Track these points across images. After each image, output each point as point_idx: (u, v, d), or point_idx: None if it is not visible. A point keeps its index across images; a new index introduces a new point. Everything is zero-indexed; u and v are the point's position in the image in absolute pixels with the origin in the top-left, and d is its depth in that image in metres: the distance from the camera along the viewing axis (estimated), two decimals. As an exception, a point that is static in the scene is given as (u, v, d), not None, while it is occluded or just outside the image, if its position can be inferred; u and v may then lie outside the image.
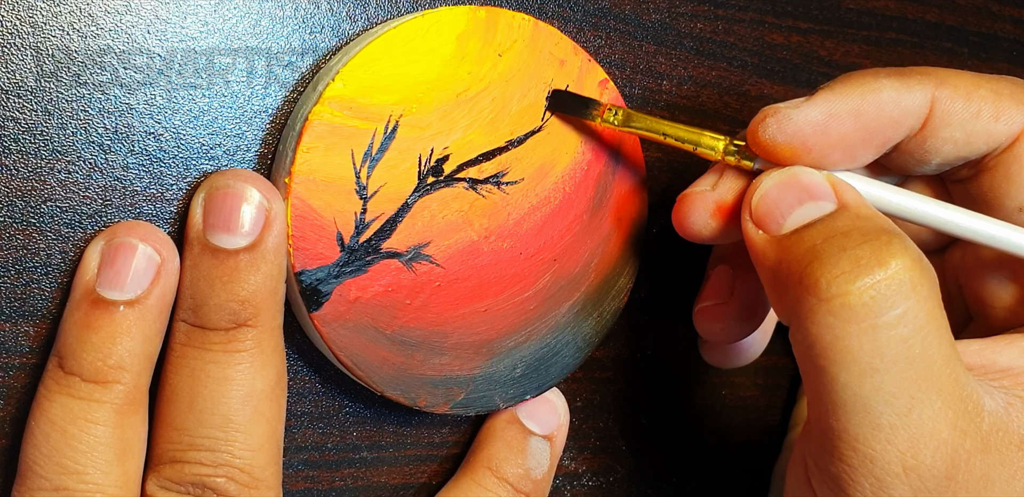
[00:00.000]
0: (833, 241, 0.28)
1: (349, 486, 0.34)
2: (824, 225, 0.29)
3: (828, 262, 0.28)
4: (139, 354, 0.28)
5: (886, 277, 0.27)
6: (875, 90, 0.31)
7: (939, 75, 0.31)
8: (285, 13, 0.30)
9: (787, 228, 0.30)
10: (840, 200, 0.30)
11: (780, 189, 0.30)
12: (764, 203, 0.30)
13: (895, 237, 0.28)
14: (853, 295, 0.27)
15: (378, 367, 0.31)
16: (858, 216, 0.29)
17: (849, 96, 0.30)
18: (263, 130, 0.30)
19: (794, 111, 0.30)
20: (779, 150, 0.30)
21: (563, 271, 0.34)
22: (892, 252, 0.27)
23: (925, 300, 0.27)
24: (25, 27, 0.27)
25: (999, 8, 0.46)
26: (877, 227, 0.28)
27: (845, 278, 0.27)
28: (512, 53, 0.32)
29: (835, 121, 0.30)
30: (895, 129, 0.31)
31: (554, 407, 0.36)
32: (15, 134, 0.27)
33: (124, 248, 0.28)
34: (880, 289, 0.27)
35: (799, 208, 0.30)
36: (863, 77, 0.31)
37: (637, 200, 0.36)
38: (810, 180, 0.30)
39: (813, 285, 0.27)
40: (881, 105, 0.30)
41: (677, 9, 0.38)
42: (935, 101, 0.31)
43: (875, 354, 0.27)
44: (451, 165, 0.31)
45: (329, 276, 0.30)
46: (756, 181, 0.31)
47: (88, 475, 0.27)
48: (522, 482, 0.34)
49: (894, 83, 0.31)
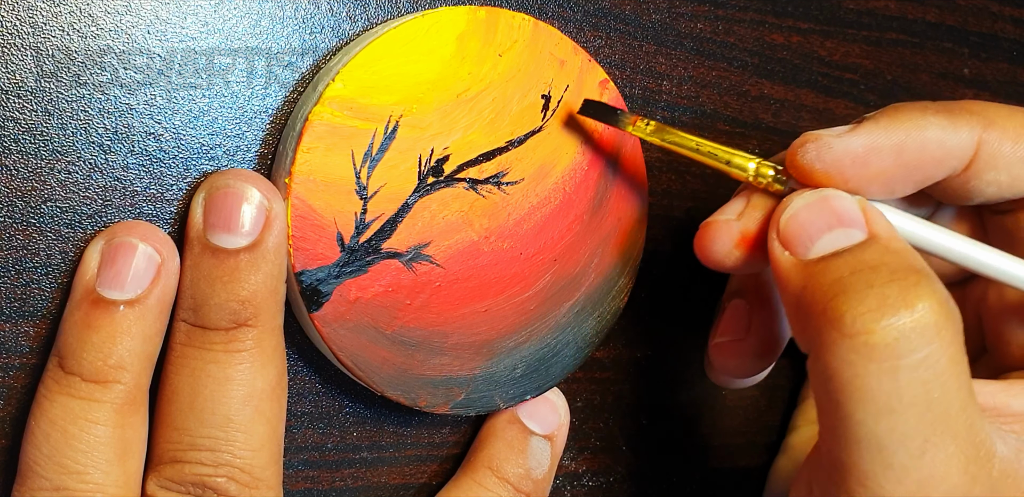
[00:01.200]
0: (861, 275, 0.28)
1: (349, 486, 0.34)
2: (853, 256, 0.29)
3: (855, 297, 0.27)
4: (139, 354, 0.28)
5: (912, 319, 0.27)
6: (921, 127, 0.30)
7: (989, 114, 0.31)
8: (285, 13, 0.30)
9: (815, 253, 0.29)
10: (871, 230, 0.29)
11: (810, 211, 0.30)
12: (793, 224, 0.30)
13: (924, 277, 0.28)
14: (877, 334, 0.27)
15: (378, 367, 0.31)
16: (888, 250, 0.29)
17: (894, 131, 0.30)
18: (263, 130, 0.30)
19: (836, 140, 0.30)
20: (816, 177, 0.30)
21: (563, 271, 0.34)
22: (920, 294, 0.27)
23: (948, 344, 0.27)
24: (25, 27, 0.27)
25: (999, 8, 0.46)
26: (906, 265, 0.28)
27: (871, 316, 0.27)
28: (512, 53, 0.32)
29: (876, 155, 0.30)
30: (937, 168, 0.31)
31: (554, 407, 0.36)
32: (15, 134, 0.27)
33: (124, 248, 0.28)
34: (905, 331, 0.27)
35: (828, 234, 0.29)
36: (911, 111, 0.30)
37: (637, 200, 0.36)
38: (841, 206, 0.30)
39: (837, 319, 0.27)
40: (925, 143, 0.30)
41: (677, 9, 0.38)
42: (982, 143, 0.31)
43: (894, 395, 0.27)
44: (451, 165, 0.31)
45: (329, 276, 0.30)
46: (787, 199, 0.31)
47: (88, 475, 0.27)
48: (523, 482, 0.34)
49: (941, 121, 0.30)
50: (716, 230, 0.32)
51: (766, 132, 0.40)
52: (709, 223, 0.32)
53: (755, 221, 0.32)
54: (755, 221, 0.32)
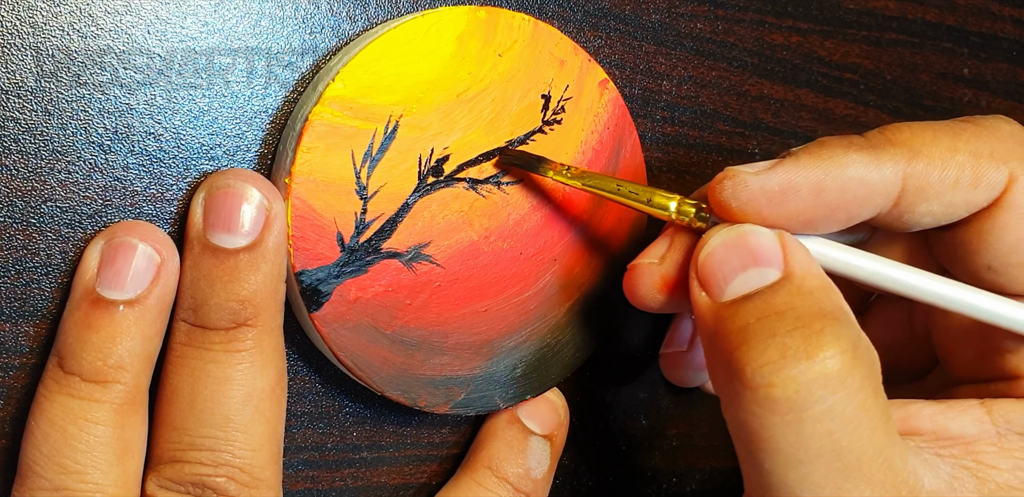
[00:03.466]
0: (765, 322, 0.27)
1: (349, 486, 0.34)
2: (762, 300, 0.28)
3: (756, 348, 0.27)
4: (139, 354, 0.28)
5: (812, 370, 0.26)
6: (841, 165, 0.29)
7: (914, 144, 0.30)
8: (285, 13, 0.30)
9: (728, 295, 0.29)
10: (787, 267, 0.29)
11: (727, 249, 0.29)
12: (709, 263, 0.29)
13: (830, 323, 0.27)
14: (777, 387, 0.26)
15: (378, 367, 0.31)
16: (799, 291, 0.28)
17: (812, 169, 0.29)
18: (263, 130, 0.30)
19: (752, 178, 0.29)
20: (733, 215, 0.29)
21: (563, 271, 0.34)
22: (822, 342, 0.26)
23: (856, 391, 0.27)
24: (25, 27, 0.27)
25: (999, 8, 0.46)
26: (814, 309, 0.27)
27: (770, 369, 0.26)
28: (512, 53, 0.32)
29: (793, 194, 0.29)
30: (861, 207, 0.29)
31: (554, 407, 0.36)
32: (15, 134, 0.27)
33: (124, 248, 0.28)
34: (806, 383, 0.26)
35: (742, 274, 0.29)
36: (833, 148, 0.29)
37: (637, 200, 0.36)
38: (758, 242, 0.29)
39: (740, 371, 0.27)
40: (846, 183, 0.29)
41: (677, 9, 0.38)
42: (907, 177, 0.29)
43: (799, 446, 0.26)
44: (451, 165, 0.31)
45: (329, 276, 0.30)
46: (706, 235, 0.30)
47: (88, 475, 0.27)
48: (522, 482, 0.34)
49: (863, 158, 0.29)
50: (639, 275, 0.31)
51: (766, 132, 0.40)
52: (632, 266, 0.32)
53: (675, 265, 0.31)
54: (675, 265, 0.31)
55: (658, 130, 0.38)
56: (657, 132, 0.38)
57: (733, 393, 0.27)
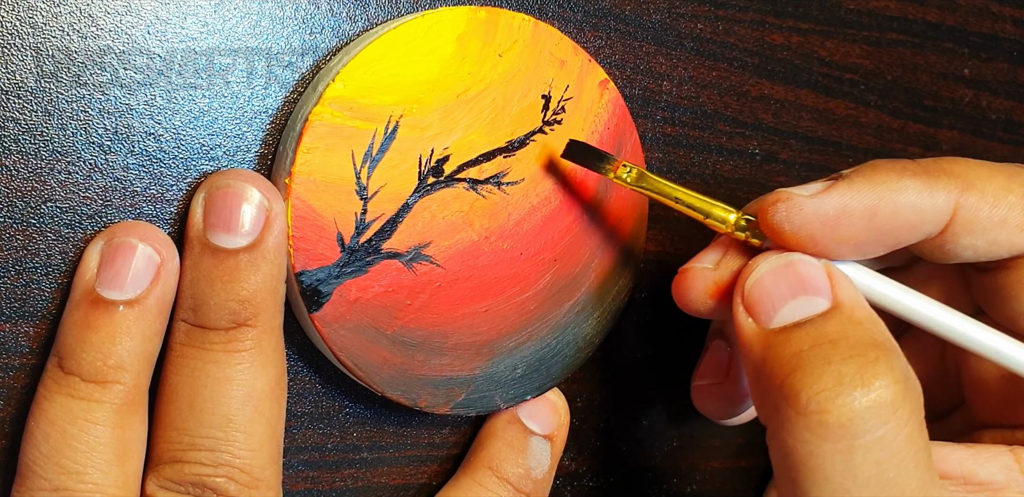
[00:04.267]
0: (819, 350, 0.27)
1: (349, 487, 0.34)
2: (814, 328, 0.28)
3: (811, 375, 0.27)
4: (139, 354, 0.28)
5: (868, 399, 0.26)
6: (896, 190, 0.29)
7: (968, 176, 0.30)
8: (285, 13, 0.30)
9: (777, 322, 0.29)
10: (836, 298, 0.29)
11: (775, 276, 0.29)
12: (757, 290, 0.29)
13: (883, 352, 0.27)
14: (832, 414, 0.26)
15: (378, 368, 0.31)
16: (851, 321, 0.28)
17: (866, 193, 0.29)
18: (263, 130, 0.30)
19: (807, 201, 0.29)
20: (785, 237, 0.29)
21: (564, 271, 0.34)
22: (877, 372, 0.27)
23: (905, 422, 0.27)
24: (25, 27, 0.27)
25: (999, 8, 0.46)
26: (867, 339, 0.28)
27: (826, 395, 0.27)
28: (512, 53, 0.32)
29: (847, 218, 0.29)
30: (911, 233, 0.30)
31: (555, 407, 0.36)
32: (15, 134, 0.27)
33: (124, 248, 0.28)
34: (860, 410, 0.26)
35: (792, 301, 0.29)
36: (887, 173, 0.29)
37: (637, 200, 0.36)
38: (807, 272, 0.29)
39: (793, 397, 0.27)
40: (899, 208, 0.29)
41: (677, 10, 0.38)
42: (958, 208, 0.30)
43: (848, 475, 0.26)
44: (451, 165, 0.31)
45: (329, 276, 0.30)
46: (752, 262, 0.30)
47: (88, 475, 0.27)
48: (522, 482, 0.34)
49: (917, 184, 0.29)
50: (692, 278, 0.32)
51: (766, 132, 0.40)
52: (686, 269, 0.32)
53: (731, 272, 0.31)
54: (731, 272, 0.31)
55: (658, 130, 0.38)
56: (657, 132, 0.38)
57: (784, 419, 0.27)
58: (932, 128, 0.45)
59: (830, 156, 0.42)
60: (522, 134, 0.33)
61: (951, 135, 0.46)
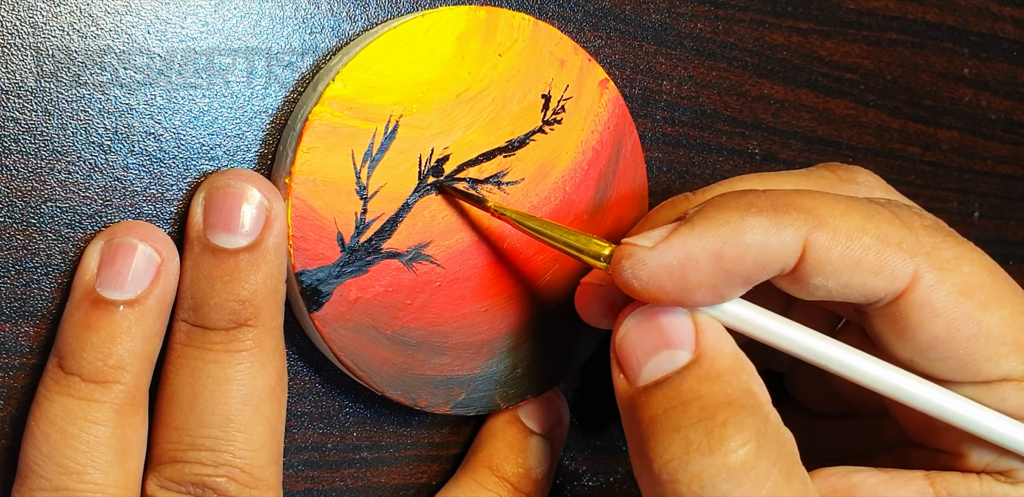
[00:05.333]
0: (671, 414, 0.27)
1: (349, 486, 0.34)
2: (671, 388, 0.28)
3: (661, 443, 0.27)
4: (139, 354, 0.28)
5: (715, 464, 0.26)
6: (739, 231, 0.27)
7: (820, 213, 0.28)
8: (285, 13, 0.30)
9: (642, 380, 0.28)
10: (698, 347, 0.28)
11: (640, 331, 0.29)
12: (624, 346, 0.29)
13: (733, 413, 0.27)
14: (683, 484, 0.26)
15: (379, 367, 0.31)
16: (707, 376, 0.28)
17: (708, 237, 0.27)
18: (263, 130, 0.30)
19: (648, 255, 0.28)
20: (637, 294, 0.28)
21: (563, 271, 0.34)
22: (723, 436, 0.26)
23: (763, 480, 0.26)
24: (25, 27, 0.27)
25: (999, 8, 0.46)
26: (719, 398, 0.27)
27: (675, 465, 0.26)
28: (512, 53, 0.32)
29: (692, 266, 0.27)
30: (760, 272, 0.28)
31: (555, 407, 0.36)
32: (15, 134, 0.27)
33: (124, 248, 0.28)
34: (708, 478, 0.26)
35: (655, 357, 0.28)
36: (730, 212, 0.28)
37: (637, 200, 0.36)
38: (670, 323, 0.28)
39: (649, 465, 0.27)
40: (744, 248, 0.27)
41: (677, 9, 0.38)
42: (808, 246, 0.28)
43: None
44: (451, 165, 0.31)
45: (329, 276, 0.30)
46: (621, 316, 0.29)
47: (88, 475, 0.27)
48: (522, 482, 0.34)
49: (763, 222, 0.28)
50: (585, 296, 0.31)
51: (766, 132, 0.40)
52: (582, 285, 0.31)
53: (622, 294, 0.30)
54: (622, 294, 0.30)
55: (658, 130, 0.38)
56: (657, 132, 0.38)
57: (646, 486, 0.27)
58: (932, 128, 0.45)
59: (830, 156, 0.42)
60: (522, 134, 0.33)
61: (951, 135, 0.46)
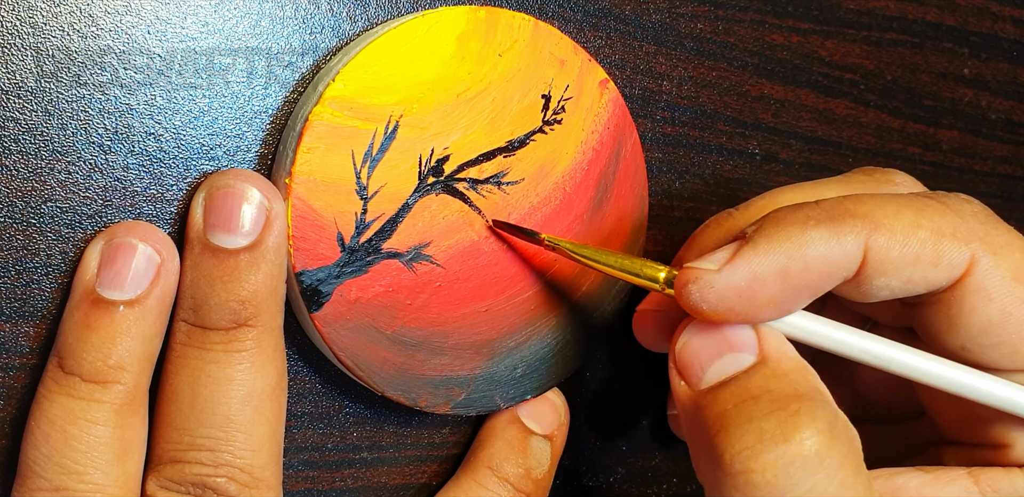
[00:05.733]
0: (742, 408, 0.27)
1: (349, 486, 0.34)
2: (738, 385, 0.28)
3: (733, 434, 0.27)
4: (139, 354, 0.28)
5: (790, 453, 0.26)
6: (802, 245, 0.28)
7: (875, 216, 0.29)
8: (285, 13, 0.30)
9: (705, 383, 0.29)
10: (762, 351, 0.29)
11: (702, 338, 0.29)
12: (685, 353, 0.29)
13: (805, 404, 0.27)
14: (756, 473, 0.26)
15: (379, 367, 0.31)
16: (775, 374, 0.28)
17: (773, 255, 0.28)
18: (263, 130, 0.30)
19: (715, 277, 0.28)
20: (705, 316, 0.29)
21: (563, 271, 0.34)
22: (798, 424, 0.27)
23: (835, 471, 0.27)
24: (25, 27, 0.27)
25: (999, 8, 0.46)
26: (789, 391, 0.27)
27: (748, 454, 0.27)
28: (512, 53, 0.32)
29: (760, 285, 0.28)
30: (825, 282, 0.29)
31: (555, 407, 0.36)
32: (15, 134, 0.27)
33: (124, 248, 0.28)
34: (784, 466, 0.26)
35: (718, 361, 0.29)
36: (790, 227, 0.29)
37: (638, 200, 0.36)
38: (731, 330, 0.29)
39: (719, 457, 0.27)
40: (809, 262, 0.28)
41: (677, 9, 0.38)
42: (868, 250, 0.29)
43: None
44: (451, 165, 0.31)
45: (330, 276, 0.30)
46: (681, 325, 0.30)
47: (88, 475, 0.27)
48: (522, 482, 0.34)
49: (823, 234, 0.28)
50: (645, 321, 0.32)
51: (766, 132, 0.40)
52: (640, 311, 0.32)
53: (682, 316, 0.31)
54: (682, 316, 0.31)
55: (658, 130, 0.38)
56: (657, 132, 0.38)
57: (715, 480, 0.27)
58: (932, 128, 0.45)
59: (830, 156, 0.42)
60: (522, 134, 0.33)
61: (951, 135, 0.46)
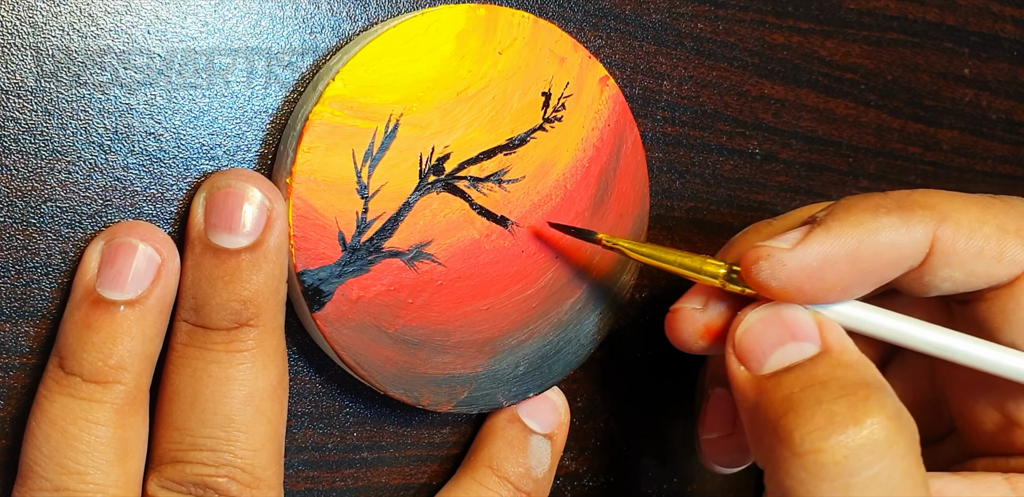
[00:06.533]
0: (810, 391, 0.28)
1: (350, 486, 0.34)
2: (803, 371, 0.28)
3: (803, 415, 0.27)
4: (140, 354, 0.27)
5: (860, 436, 0.27)
6: (873, 231, 0.29)
7: (943, 208, 0.30)
8: (285, 13, 0.30)
9: (768, 369, 0.29)
10: (824, 342, 0.29)
11: (764, 325, 0.30)
12: (747, 339, 0.30)
13: (874, 391, 0.27)
14: (826, 453, 0.27)
15: (381, 366, 0.31)
16: (839, 363, 0.29)
17: (846, 238, 0.29)
18: (263, 130, 0.30)
19: (788, 255, 0.29)
20: (773, 293, 0.30)
21: (565, 269, 0.34)
22: (868, 409, 0.27)
23: (900, 458, 0.27)
24: (25, 27, 0.27)
25: (1000, 8, 0.46)
26: (856, 379, 0.28)
27: (819, 434, 0.27)
28: (512, 51, 0.32)
29: (831, 266, 0.29)
30: (893, 269, 0.30)
31: (555, 406, 0.36)
32: (15, 134, 0.27)
33: (124, 248, 0.28)
34: (854, 448, 0.27)
35: (781, 348, 0.29)
36: (862, 213, 0.30)
37: (638, 197, 0.36)
38: (795, 319, 0.30)
39: (787, 437, 0.27)
40: (879, 247, 0.29)
41: (677, 9, 0.38)
42: (936, 240, 0.30)
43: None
44: (452, 163, 0.31)
45: (331, 276, 0.30)
46: (741, 313, 0.30)
47: (89, 475, 0.27)
48: (523, 481, 0.34)
49: (894, 221, 0.30)
50: (682, 319, 0.32)
51: (767, 132, 0.40)
52: (675, 310, 0.33)
53: (719, 315, 0.32)
54: (719, 315, 0.32)
55: (659, 130, 0.38)
56: (657, 132, 0.38)
57: (780, 460, 0.27)
58: (932, 128, 0.45)
59: (830, 156, 0.42)
60: (523, 131, 0.33)
61: (951, 135, 0.46)
